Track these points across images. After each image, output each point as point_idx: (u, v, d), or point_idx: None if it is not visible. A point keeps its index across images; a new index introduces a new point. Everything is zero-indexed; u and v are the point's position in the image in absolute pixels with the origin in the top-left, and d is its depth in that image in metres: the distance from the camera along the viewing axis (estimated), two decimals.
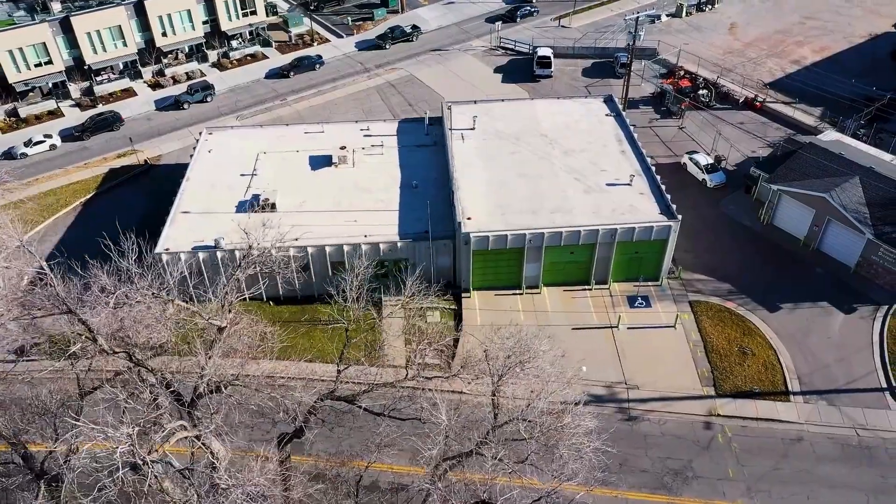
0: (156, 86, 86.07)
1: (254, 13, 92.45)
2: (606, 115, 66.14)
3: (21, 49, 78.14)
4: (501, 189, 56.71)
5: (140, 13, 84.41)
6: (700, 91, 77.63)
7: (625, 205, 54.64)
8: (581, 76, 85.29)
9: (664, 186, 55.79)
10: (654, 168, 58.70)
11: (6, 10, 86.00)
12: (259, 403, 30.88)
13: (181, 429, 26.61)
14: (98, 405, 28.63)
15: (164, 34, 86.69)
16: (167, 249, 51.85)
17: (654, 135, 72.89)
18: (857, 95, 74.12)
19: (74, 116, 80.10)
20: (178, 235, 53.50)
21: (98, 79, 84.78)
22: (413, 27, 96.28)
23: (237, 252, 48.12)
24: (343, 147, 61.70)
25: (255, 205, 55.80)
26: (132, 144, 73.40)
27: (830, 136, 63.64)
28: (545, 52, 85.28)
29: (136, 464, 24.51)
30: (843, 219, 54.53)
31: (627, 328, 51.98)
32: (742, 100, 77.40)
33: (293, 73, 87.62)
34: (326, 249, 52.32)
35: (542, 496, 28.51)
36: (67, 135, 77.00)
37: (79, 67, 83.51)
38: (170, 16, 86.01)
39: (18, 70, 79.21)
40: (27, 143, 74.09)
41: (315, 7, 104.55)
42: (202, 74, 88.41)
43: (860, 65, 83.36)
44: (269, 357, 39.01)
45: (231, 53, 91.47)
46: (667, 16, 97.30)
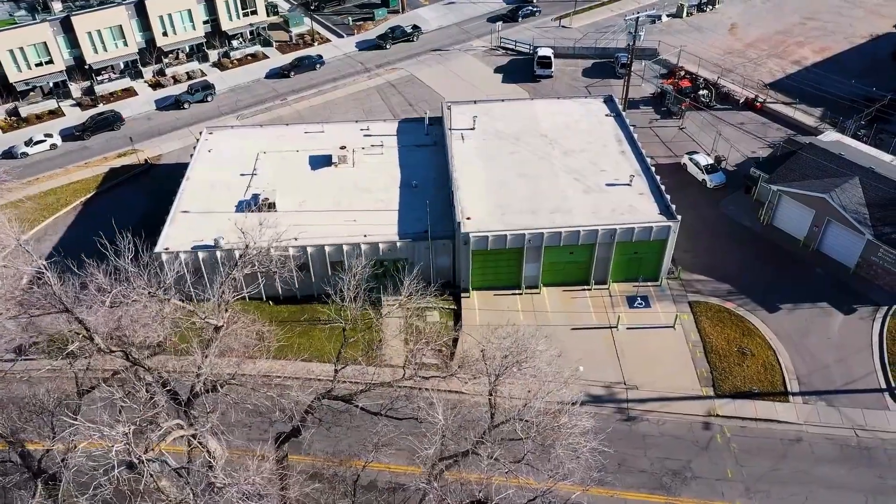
0: (156, 85, 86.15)
1: (254, 13, 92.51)
2: (606, 116, 66.13)
3: (22, 48, 78.27)
4: (501, 189, 56.71)
5: (141, 13, 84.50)
6: (700, 91, 77.56)
7: (624, 205, 54.63)
8: (581, 76, 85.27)
9: (664, 187, 55.78)
10: (654, 168, 58.71)
11: (7, 10, 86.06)
12: (255, 403, 30.94)
13: (177, 428, 26.67)
14: (96, 404, 28.66)
15: (165, 34, 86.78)
16: (167, 249, 51.94)
17: (655, 135, 72.85)
18: (858, 96, 74.02)
19: (75, 116, 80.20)
20: (178, 235, 53.58)
21: (99, 78, 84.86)
22: (414, 27, 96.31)
23: (236, 251, 48.18)
24: (343, 147, 61.74)
25: (253, 205, 55.86)
26: (132, 144, 73.50)
27: (830, 137, 63.54)
28: (545, 53, 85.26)
29: (133, 462, 24.55)
30: (843, 219, 54.50)
31: (627, 328, 51.97)
32: (742, 100, 77.34)
33: (294, 73, 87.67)
34: (326, 249, 52.36)
35: (538, 495, 28.54)
36: (68, 134, 77.11)
37: (79, 67, 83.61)
38: (170, 15, 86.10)
39: (19, 69, 79.33)
40: (28, 143, 74.21)
41: (316, 7, 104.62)
42: (203, 74, 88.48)
43: (861, 65, 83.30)
44: (266, 356, 39.04)
45: (232, 53, 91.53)
46: (667, 16, 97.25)
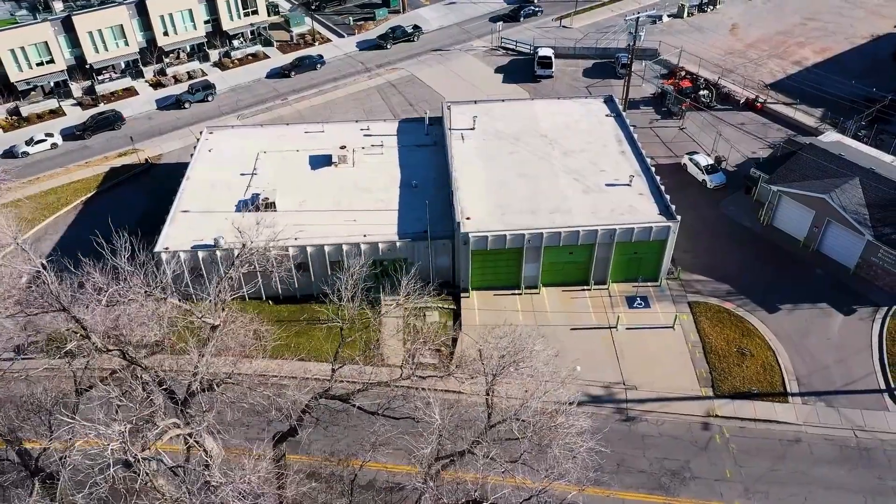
0: (157, 85, 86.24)
1: (255, 13, 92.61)
2: (606, 116, 66.10)
3: (23, 48, 78.35)
4: (501, 189, 56.69)
5: (142, 12, 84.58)
6: (701, 92, 77.50)
7: (624, 205, 54.60)
8: (582, 76, 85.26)
9: (664, 187, 55.73)
10: (654, 168, 58.66)
11: (8, 10, 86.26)
12: (252, 402, 30.96)
13: (174, 427, 26.70)
14: (93, 403, 28.68)
15: (166, 33, 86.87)
16: (167, 248, 51.98)
17: (655, 135, 72.82)
18: (858, 97, 73.96)
19: (76, 115, 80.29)
20: (178, 234, 53.60)
21: (99, 78, 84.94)
22: (414, 27, 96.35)
23: (235, 251, 48.22)
24: (343, 147, 61.76)
25: (251, 204, 55.89)
26: (133, 143, 73.58)
27: (831, 138, 63.46)
28: (546, 53, 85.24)
29: (129, 461, 24.58)
30: (843, 220, 54.44)
31: (626, 329, 51.93)
32: (743, 101, 77.29)
33: (294, 73, 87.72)
34: (325, 249, 52.36)
35: (533, 495, 28.54)
36: (69, 133, 77.19)
37: (80, 66, 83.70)
38: (171, 15, 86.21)
39: (20, 69, 79.42)
40: (29, 142, 74.29)
41: (317, 7, 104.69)
42: (203, 74, 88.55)
43: (861, 66, 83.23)
44: (263, 356, 39.07)
45: (232, 53, 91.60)
46: (668, 16, 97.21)
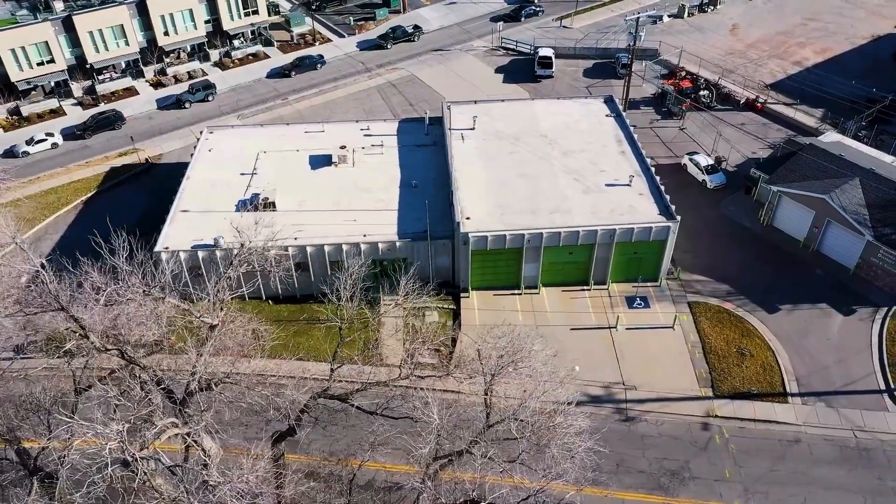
0: (157, 85, 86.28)
1: (256, 13, 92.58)
2: (606, 116, 66.07)
3: (24, 48, 78.34)
4: (501, 189, 56.68)
5: (142, 12, 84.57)
6: (701, 92, 77.47)
7: (624, 205, 54.58)
8: (582, 76, 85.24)
9: (664, 187, 55.70)
10: (654, 169, 58.64)
11: (9, 9, 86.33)
12: (250, 401, 30.97)
13: (172, 426, 26.71)
14: (92, 402, 28.70)
15: (167, 33, 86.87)
16: (167, 248, 52.00)
17: (655, 135, 72.79)
18: (859, 97, 73.91)
19: (76, 115, 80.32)
20: (178, 234, 53.61)
21: (100, 77, 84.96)
22: (415, 27, 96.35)
23: (234, 251, 48.25)
24: (343, 146, 61.75)
25: (249, 204, 55.92)
26: (133, 143, 73.61)
27: (831, 138, 63.41)
28: (546, 53, 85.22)
29: (127, 460, 24.60)
30: (843, 220, 54.41)
31: (626, 329, 51.91)
32: (743, 101, 77.25)
33: (294, 73, 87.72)
34: (325, 249, 52.37)
35: (531, 494, 28.54)
36: (69, 133, 77.22)
37: (81, 66, 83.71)
38: (172, 15, 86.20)
39: (21, 69, 79.42)
40: (29, 142, 74.33)
41: (317, 7, 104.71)
42: (204, 73, 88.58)
43: (862, 66, 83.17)
44: (262, 355, 39.08)
45: (233, 53, 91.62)
46: (669, 16, 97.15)
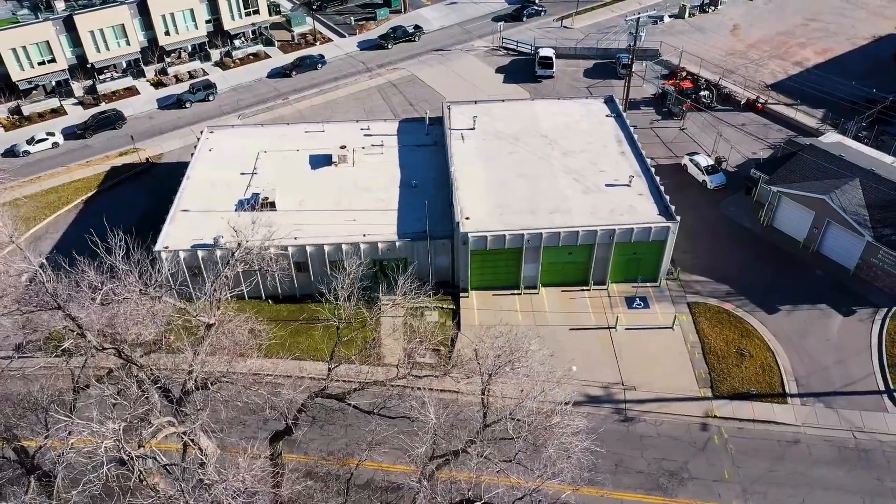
0: (158, 84, 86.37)
1: (256, 12, 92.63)
2: (607, 116, 66.05)
3: (25, 47, 78.42)
4: (500, 189, 56.68)
5: (143, 12, 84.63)
6: (702, 92, 77.44)
7: (624, 205, 54.57)
8: (583, 77, 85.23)
9: (664, 187, 55.68)
10: (655, 169, 58.63)
11: (10, 9, 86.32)
12: (247, 400, 30.99)
13: (168, 425, 26.74)
14: (89, 401, 28.74)
15: (167, 33, 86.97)
16: (166, 247, 52.06)
17: (655, 136, 72.76)
18: (859, 98, 73.84)
19: (77, 114, 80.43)
20: (178, 233, 53.68)
21: (101, 77, 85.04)
22: (415, 27, 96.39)
23: (231, 250, 48.33)
24: (343, 146, 61.78)
25: (246, 204, 55.96)
26: (134, 143, 73.70)
27: (832, 139, 63.36)
28: (547, 53, 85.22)
29: (123, 459, 24.63)
30: (843, 221, 54.36)
31: (625, 329, 51.90)
32: (744, 101, 77.22)
33: (295, 73, 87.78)
34: (325, 248, 52.40)
35: (526, 494, 28.54)
36: (70, 133, 77.31)
37: (82, 66, 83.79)
38: (173, 15, 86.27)
39: (22, 68, 79.47)
40: (30, 141, 74.42)
41: (318, 6, 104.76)
42: (205, 73, 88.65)
43: (862, 67, 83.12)
44: (258, 355, 39.10)
45: (234, 52, 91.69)
46: (669, 17, 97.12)
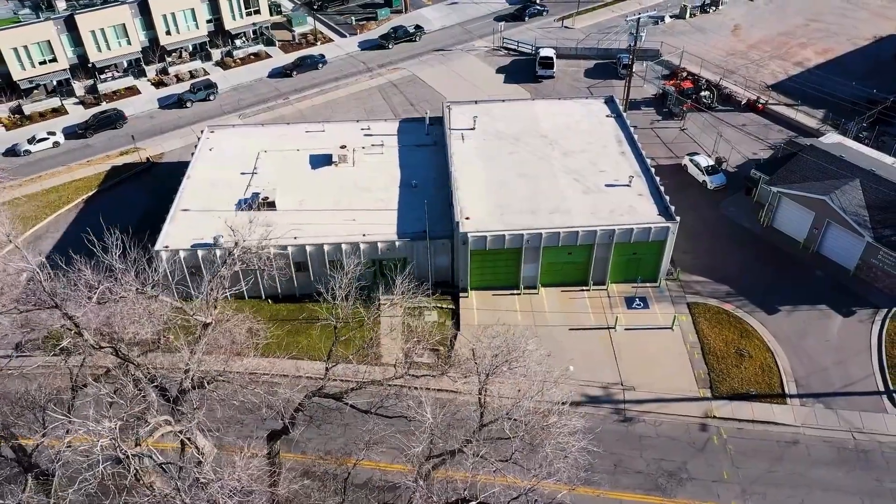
0: (159, 84, 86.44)
1: (257, 12, 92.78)
2: (607, 116, 66.02)
3: (26, 47, 78.57)
4: (500, 189, 56.68)
5: (144, 12, 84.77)
6: (702, 93, 77.37)
7: (623, 206, 54.54)
8: (583, 77, 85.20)
9: (664, 188, 55.64)
10: (655, 169, 58.59)
11: (11, 8, 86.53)
12: (243, 399, 31.01)
13: (165, 424, 26.76)
14: (87, 400, 28.79)
15: (168, 33, 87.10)
16: (167, 247, 52.10)
17: (656, 136, 72.73)
18: (860, 98, 73.76)
19: (78, 114, 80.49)
20: (178, 233, 53.71)
21: (102, 76, 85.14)
22: (416, 27, 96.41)
23: (228, 249, 48.36)
24: (343, 146, 61.82)
25: (244, 204, 55.98)
26: (135, 142, 73.79)
27: (832, 139, 63.30)
28: (547, 53, 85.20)
29: (119, 457, 24.66)
30: (843, 221, 54.30)
31: (625, 329, 51.87)
32: (744, 102, 77.14)
33: (296, 73, 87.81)
34: (325, 248, 52.42)
35: (522, 493, 28.53)
36: (71, 132, 77.37)
37: (83, 65, 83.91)
38: (174, 14, 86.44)
39: (23, 68, 79.60)
40: (31, 141, 74.49)
41: (319, 6, 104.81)
42: (205, 73, 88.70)
43: (863, 67, 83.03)
44: (255, 354, 39.12)
45: (234, 52, 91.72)
46: (670, 17, 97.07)
